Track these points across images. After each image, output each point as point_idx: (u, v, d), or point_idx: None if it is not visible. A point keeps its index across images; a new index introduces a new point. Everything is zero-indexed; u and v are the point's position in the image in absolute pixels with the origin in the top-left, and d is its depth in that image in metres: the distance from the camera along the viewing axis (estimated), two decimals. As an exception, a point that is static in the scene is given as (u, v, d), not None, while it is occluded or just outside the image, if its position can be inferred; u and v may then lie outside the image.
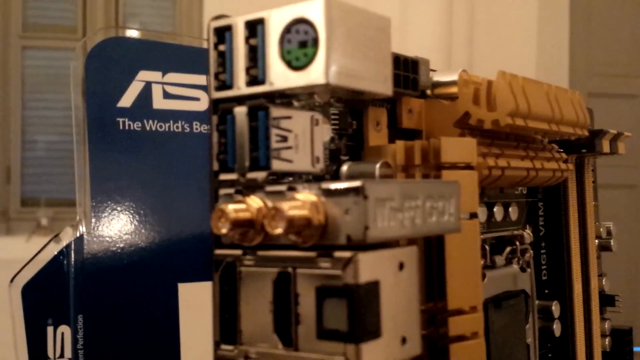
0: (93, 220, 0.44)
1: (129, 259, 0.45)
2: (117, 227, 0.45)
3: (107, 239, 0.44)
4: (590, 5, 1.66)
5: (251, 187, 0.21)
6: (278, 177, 0.22)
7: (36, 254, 0.45)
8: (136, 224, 0.45)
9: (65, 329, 0.43)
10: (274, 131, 0.20)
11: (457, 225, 0.23)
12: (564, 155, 0.36)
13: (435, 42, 1.46)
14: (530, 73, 1.51)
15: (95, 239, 0.44)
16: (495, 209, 0.34)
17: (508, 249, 0.36)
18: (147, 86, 0.47)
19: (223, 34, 0.21)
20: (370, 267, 0.19)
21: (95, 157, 0.45)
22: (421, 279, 0.24)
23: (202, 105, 0.48)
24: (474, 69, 1.51)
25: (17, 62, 1.65)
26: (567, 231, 0.41)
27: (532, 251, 0.38)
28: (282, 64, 0.20)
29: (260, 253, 0.20)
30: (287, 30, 0.20)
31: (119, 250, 0.44)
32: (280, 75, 0.20)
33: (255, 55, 0.21)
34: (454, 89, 0.29)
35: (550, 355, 0.40)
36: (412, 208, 0.20)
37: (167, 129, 0.47)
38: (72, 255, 0.43)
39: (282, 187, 0.20)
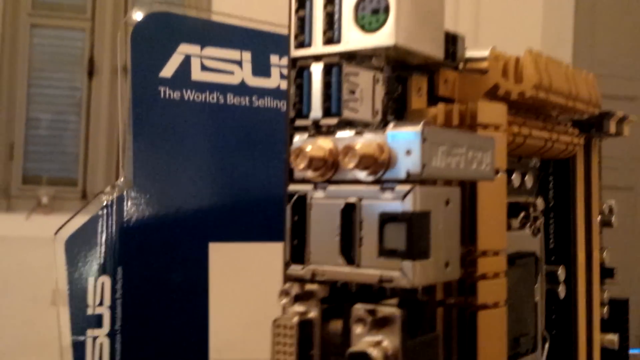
0: (134, 180, 0.48)
1: (165, 218, 0.48)
2: (155, 188, 0.48)
3: (146, 198, 0.48)
4: (594, 7, 1.69)
5: (321, 133, 0.25)
6: (339, 126, 0.25)
7: (79, 210, 0.48)
8: (172, 186, 0.49)
9: (105, 279, 0.46)
10: (345, 85, 0.24)
11: (491, 174, 0.27)
12: (576, 131, 0.40)
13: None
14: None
15: (135, 198, 0.47)
16: (513, 176, 0.38)
17: (522, 214, 0.40)
18: (187, 59, 0.50)
19: (304, 1, 0.25)
20: (424, 199, 0.23)
21: (138, 122, 0.48)
22: (456, 223, 0.28)
23: (236, 78, 0.52)
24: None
25: (25, 40, 1.65)
26: (573, 204, 0.45)
27: (543, 218, 0.42)
28: (356, 28, 0.24)
29: (331, 187, 0.24)
30: (362, -1, 0.24)
31: (156, 210, 0.48)
32: (354, 37, 0.24)
33: (332, 20, 0.25)
34: (484, 64, 0.33)
35: (554, 316, 0.44)
36: (458, 154, 0.24)
37: (203, 100, 0.50)
38: (114, 213, 0.47)
39: (351, 132, 0.24)
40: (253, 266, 0.52)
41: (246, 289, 0.51)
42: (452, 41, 0.31)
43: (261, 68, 0.52)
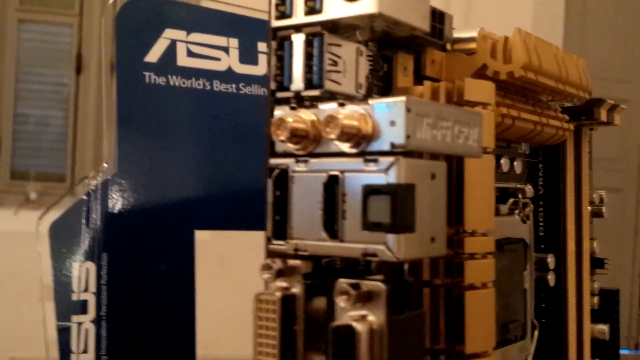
0: (118, 165, 0.47)
1: (150, 204, 0.48)
2: (140, 174, 0.47)
3: (131, 184, 0.47)
4: (585, 9, 1.69)
5: (303, 106, 0.25)
6: (322, 99, 0.25)
7: (64, 195, 0.48)
8: (158, 172, 0.48)
9: (90, 265, 0.45)
10: (327, 55, 0.24)
11: (478, 150, 0.26)
12: (566, 117, 0.40)
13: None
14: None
15: (120, 184, 0.47)
16: (502, 161, 0.37)
17: (511, 200, 0.39)
18: (172, 44, 0.49)
19: (285, -29, 0.25)
20: (409, 171, 0.22)
21: (122, 106, 0.47)
22: (443, 201, 0.27)
23: (223, 65, 0.51)
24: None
25: (13, 35, 1.65)
26: (563, 192, 0.44)
27: (532, 205, 0.41)
28: (339, -4, 0.23)
29: (313, 160, 0.24)
30: (344, -33, 0.23)
31: (141, 196, 0.47)
32: (336, 6, 0.23)
33: (313, -11, 0.24)
34: (472, 45, 0.33)
35: (543, 304, 0.44)
36: (444, 128, 0.24)
37: (189, 86, 0.49)
38: (99, 198, 0.46)
39: (333, 104, 0.24)
40: (239, 255, 0.52)
41: (232, 277, 0.51)
42: (439, 18, 0.31)
43: (248, 55, 0.51)
